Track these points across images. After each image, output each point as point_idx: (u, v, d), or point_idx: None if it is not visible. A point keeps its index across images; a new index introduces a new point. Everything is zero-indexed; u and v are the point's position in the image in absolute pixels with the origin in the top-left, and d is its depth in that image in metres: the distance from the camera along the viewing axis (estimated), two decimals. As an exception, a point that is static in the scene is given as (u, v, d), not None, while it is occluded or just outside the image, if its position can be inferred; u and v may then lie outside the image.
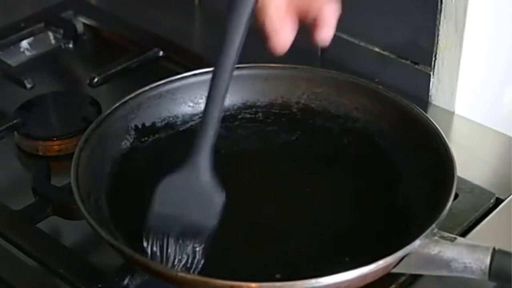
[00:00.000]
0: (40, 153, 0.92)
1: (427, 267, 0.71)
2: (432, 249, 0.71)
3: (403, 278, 0.76)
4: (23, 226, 0.81)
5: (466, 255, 0.70)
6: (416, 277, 0.76)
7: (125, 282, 0.73)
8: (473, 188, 0.84)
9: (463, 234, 0.80)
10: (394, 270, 0.72)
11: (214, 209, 0.71)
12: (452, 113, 0.95)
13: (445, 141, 0.79)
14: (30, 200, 0.84)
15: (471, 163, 0.88)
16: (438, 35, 0.92)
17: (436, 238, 0.71)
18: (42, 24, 1.08)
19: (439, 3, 0.90)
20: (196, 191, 0.72)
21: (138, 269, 0.73)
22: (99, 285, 0.74)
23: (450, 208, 0.74)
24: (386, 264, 0.69)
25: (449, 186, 0.74)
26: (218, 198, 0.71)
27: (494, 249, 0.70)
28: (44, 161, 0.88)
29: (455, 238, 0.72)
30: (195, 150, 0.72)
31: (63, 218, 0.82)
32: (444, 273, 0.71)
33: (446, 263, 0.71)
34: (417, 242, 0.70)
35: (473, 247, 0.70)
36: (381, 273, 0.70)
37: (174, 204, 0.71)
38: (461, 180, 0.83)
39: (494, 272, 0.70)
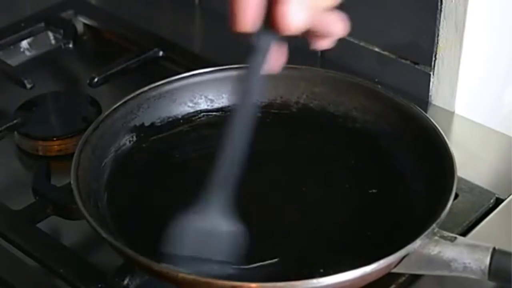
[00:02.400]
0: (40, 153, 0.92)
1: (427, 267, 0.72)
2: (432, 249, 0.71)
3: (403, 278, 0.76)
4: (23, 226, 0.81)
5: (466, 255, 0.70)
6: (416, 277, 0.76)
7: (125, 282, 0.73)
8: (473, 188, 0.84)
9: (463, 234, 0.80)
10: (394, 270, 0.72)
11: (233, 248, 0.70)
12: (452, 113, 0.95)
13: (444, 140, 0.79)
14: (30, 200, 0.84)
15: (471, 163, 0.88)
16: (438, 35, 0.92)
17: (436, 238, 0.71)
18: (42, 24, 1.08)
19: (439, 3, 0.90)
20: (212, 233, 0.70)
21: (140, 270, 0.73)
22: (99, 285, 0.74)
23: (450, 208, 0.74)
24: (388, 264, 0.69)
25: (449, 185, 0.75)
26: (235, 238, 0.70)
27: (494, 249, 0.70)
28: (44, 161, 0.88)
29: (455, 238, 0.72)
30: (207, 189, 0.69)
31: (63, 218, 0.82)
32: (445, 273, 0.72)
33: (446, 264, 0.71)
34: (417, 242, 0.70)
35: (473, 247, 0.71)
36: (382, 272, 0.71)
37: (191, 247, 0.70)
38: (461, 180, 0.83)
39: (493, 272, 0.70)
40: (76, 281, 0.75)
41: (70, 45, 1.06)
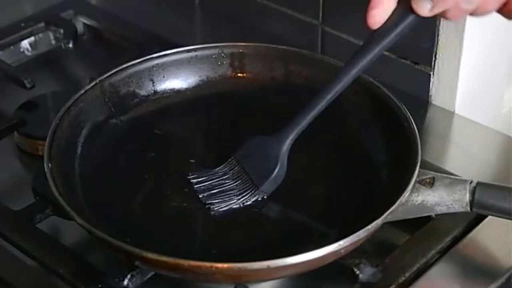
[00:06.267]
0: (40, 153, 0.92)
1: (415, 213, 0.77)
2: (415, 199, 0.75)
3: (403, 278, 0.76)
4: (23, 226, 0.81)
5: (447, 197, 0.75)
6: (416, 277, 0.76)
7: (125, 282, 0.73)
8: (473, 188, 0.85)
9: (463, 233, 0.81)
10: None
11: (273, 178, 0.79)
12: (452, 113, 0.95)
13: (405, 112, 0.81)
14: (30, 200, 0.84)
15: (471, 163, 0.88)
16: (438, 35, 0.92)
17: (416, 185, 0.75)
18: (42, 24, 1.08)
19: (439, 3, 0.90)
20: (268, 155, 0.79)
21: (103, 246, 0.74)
22: (99, 285, 0.74)
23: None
24: (373, 229, 0.72)
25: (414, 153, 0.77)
26: (279, 172, 0.79)
27: (471, 184, 0.75)
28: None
29: (433, 180, 0.76)
30: (289, 123, 0.79)
31: (63, 218, 0.82)
32: (431, 214, 0.78)
33: (430, 209, 0.76)
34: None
35: (451, 188, 0.75)
36: (371, 233, 0.73)
37: (245, 156, 0.81)
38: (461, 180, 0.83)
39: (475, 207, 0.75)
40: (76, 281, 0.75)
41: (70, 45, 1.06)
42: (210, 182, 0.81)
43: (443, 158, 0.91)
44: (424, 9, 0.74)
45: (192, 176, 0.81)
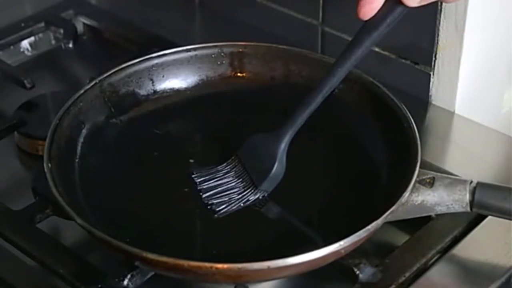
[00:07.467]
0: (40, 153, 0.92)
1: (415, 213, 0.77)
2: (415, 199, 0.75)
3: (403, 278, 0.76)
4: (23, 226, 0.81)
5: (447, 197, 0.75)
6: (416, 277, 0.76)
7: (125, 282, 0.73)
8: (473, 188, 0.85)
9: (463, 233, 0.81)
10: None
11: (271, 177, 0.79)
12: (452, 113, 0.95)
13: (405, 111, 0.81)
14: (30, 200, 0.84)
15: (471, 163, 0.88)
16: (438, 35, 0.92)
17: (416, 185, 0.75)
18: (42, 24, 1.09)
19: (439, 3, 0.90)
20: (266, 153, 0.79)
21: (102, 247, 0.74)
22: (99, 285, 0.74)
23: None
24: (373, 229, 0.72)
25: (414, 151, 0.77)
26: (278, 169, 0.78)
27: (471, 184, 0.75)
28: (44, 161, 0.88)
29: (433, 180, 0.76)
30: (286, 120, 0.79)
31: (63, 218, 0.82)
32: (432, 214, 0.78)
33: (430, 209, 0.76)
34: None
35: (451, 188, 0.75)
36: (372, 233, 0.73)
37: (245, 154, 0.80)
38: (461, 180, 0.83)
39: (475, 207, 0.75)
40: (76, 281, 0.75)
41: (70, 45, 1.06)
42: (213, 180, 0.81)
43: (443, 158, 0.91)
44: (414, 1, 0.75)
45: (196, 175, 0.81)
